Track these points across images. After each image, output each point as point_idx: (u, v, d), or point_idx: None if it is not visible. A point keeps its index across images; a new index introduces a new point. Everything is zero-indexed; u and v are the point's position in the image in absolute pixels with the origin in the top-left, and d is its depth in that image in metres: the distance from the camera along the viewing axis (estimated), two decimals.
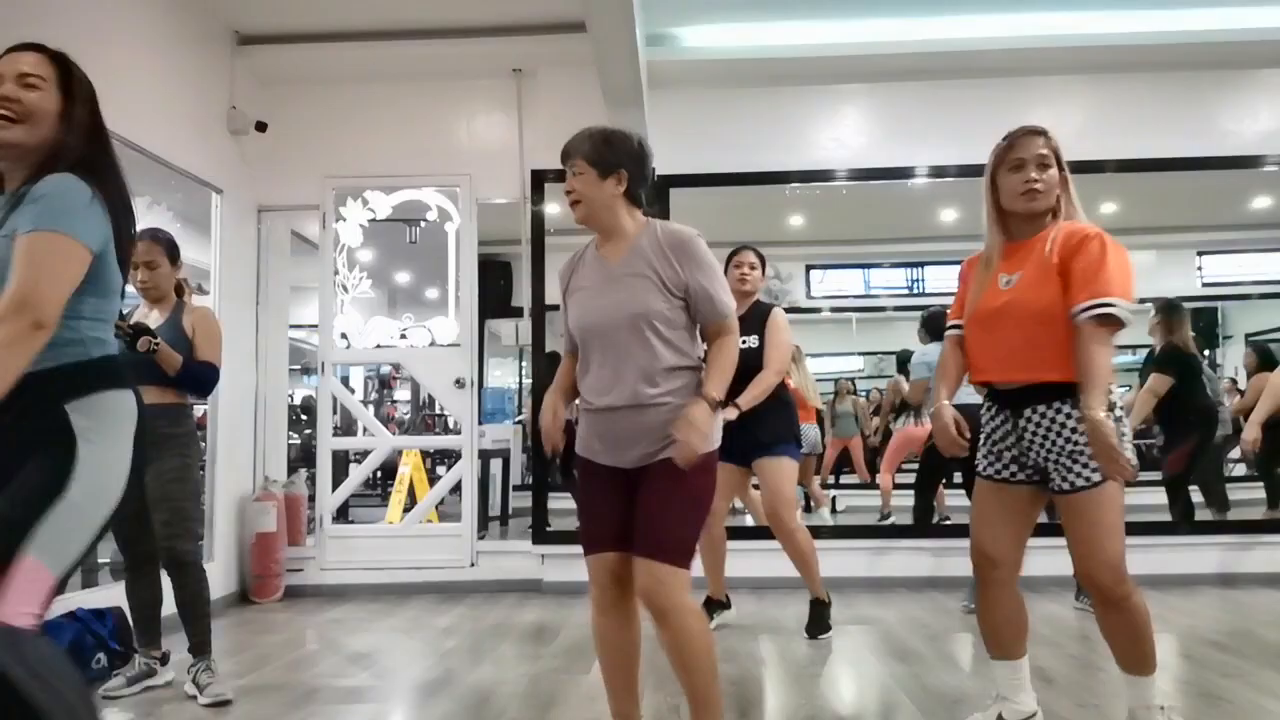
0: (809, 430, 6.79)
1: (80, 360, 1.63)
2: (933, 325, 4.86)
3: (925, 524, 4.96)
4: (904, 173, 5.16)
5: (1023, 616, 2.34)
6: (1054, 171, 2.29)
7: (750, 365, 3.68)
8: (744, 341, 3.65)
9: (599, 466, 2.19)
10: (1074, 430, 2.13)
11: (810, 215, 7.25)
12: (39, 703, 1.31)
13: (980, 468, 2.36)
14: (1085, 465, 2.13)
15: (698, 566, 2.32)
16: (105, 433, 1.62)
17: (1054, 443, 2.17)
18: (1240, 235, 7.16)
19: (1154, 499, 5.03)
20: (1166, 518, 4.91)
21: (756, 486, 4.06)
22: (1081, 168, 5.57)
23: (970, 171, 5.10)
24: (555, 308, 5.85)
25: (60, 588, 1.54)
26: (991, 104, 5.10)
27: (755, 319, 3.73)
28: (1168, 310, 4.71)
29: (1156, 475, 4.94)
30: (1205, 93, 5.09)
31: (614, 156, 2.14)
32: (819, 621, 3.71)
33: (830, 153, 5.18)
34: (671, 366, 2.10)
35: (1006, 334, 2.21)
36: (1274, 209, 6.35)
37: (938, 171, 5.11)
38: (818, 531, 5.56)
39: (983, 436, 2.37)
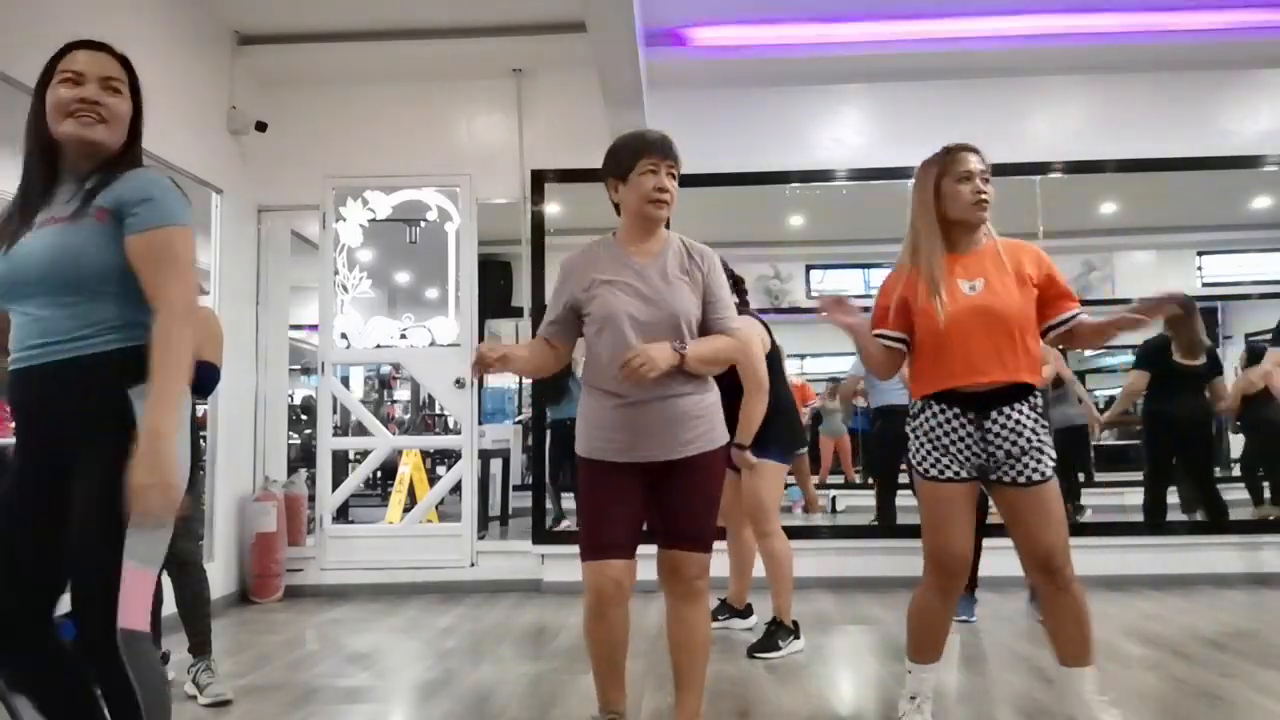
0: None
1: (142, 344, 1.60)
2: None
3: (890, 519, 5.27)
4: (904, 173, 5.11)
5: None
6: (991, 188, 2.37)
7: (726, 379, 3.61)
8: None
9: (613, 467, 2.19)
10: (1032, 429, 2.28)
11: (810, 215, 7.24)
12: (141, 700, 1.49)
13: (935, 471, 2.33)
14: (1040, 461, 2.29)
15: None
16: None
17: (1015, 441, 2.28)
18: (1240, 235, 7.15)
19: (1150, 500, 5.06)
20: (1168, 518, 4.93)
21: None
22: (1081, 168, 5.63)
23: None
24: None
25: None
26: (991, 104, 5.11)
27: None
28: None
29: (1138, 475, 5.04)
30: (1205, 93, 5.09)
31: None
32: (769, 640, 3.43)
33: (830, 153, 5.19)
34: None
35: (978, 338, 2.27)
36: (1274, 209, 6.34)
37: None
38: (817, 531, 5.59)
39: (927, 440, 2.34)
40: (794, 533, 5.50)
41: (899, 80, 5.10)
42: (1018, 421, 2.28)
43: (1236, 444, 6.50)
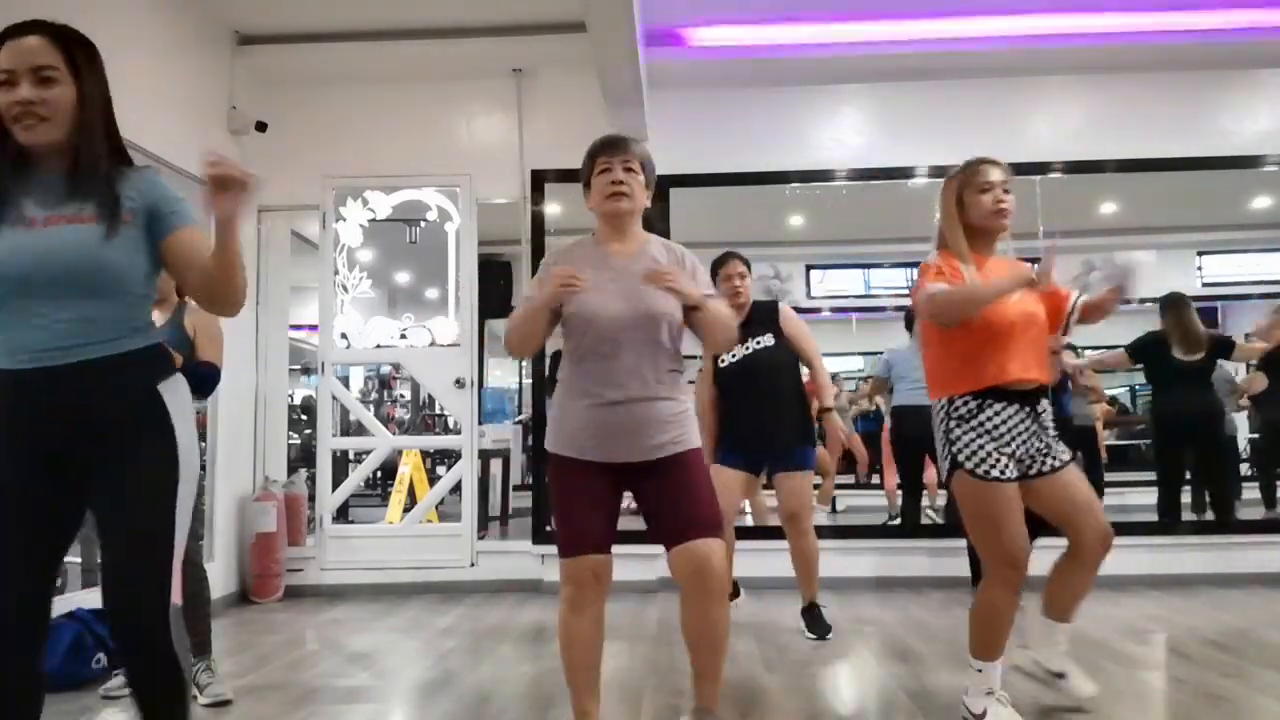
0: None
1: (159, 343, 1.71)
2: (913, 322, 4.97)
3: (915, 519, 5.18)
4: (904, 173, 5.16)
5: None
6: (1012, 197, 2.54)
7: (769, 363, 3.72)
8: (758, 342, 3.71)
9: (588, 465, 2.19)
10: (1050, 419, 2.54)
11: (810, 215, 7.24)
12: (184, 667, 1.60)
13: (994, 471, 2.39)
14: (1063, 445, 2.54)
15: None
16: (185, 414, 1.68)
17: (1051, 428, 2.51)
18: (1240, 235, 7.16)
19: (1151, 499, 5.06)
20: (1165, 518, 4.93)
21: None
22: (1081, 168, 5.63)
23: None
24: None
25: None
26: (991, 104, 5.11)
27: (762, 318, 3.75)
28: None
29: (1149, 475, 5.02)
30: (1205, 93, 5.09)
31: (653, 172, 2.37)
32: (821, 621, 3.71)
33: (830, 153, 5.18)
34: (671, 368, 2.23)
35: (1022, 338, 2.45)
36: (1274, 209, 6.34)
37: (938, 171, 5.09)
38: (818, 531, 5.58)
39: (987, 438, 2.41)
40: None
41: (899, 80, 5.10)
42: (1048, 410, 2.53)
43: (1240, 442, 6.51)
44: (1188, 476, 5.16)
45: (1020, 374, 2.43)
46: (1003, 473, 2.39)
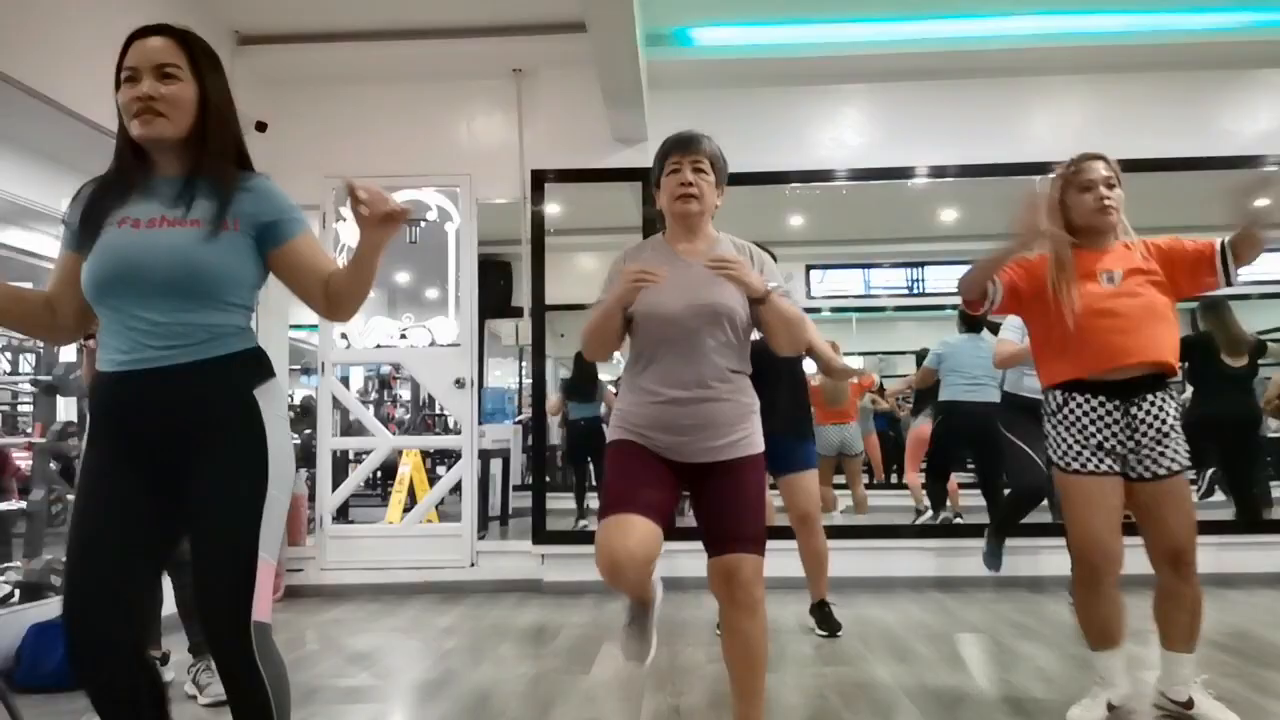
0: (828, 431, 6.66)
1: (257, 346, 1.70)
2: (969, 317, 4.99)
3: (940, 506, 5.25)
4: (904, 173, 5.16)
5: (1124, 607, 2.53)
6: (1120, 190, 2.53)
7: (783, 358, 3.62)
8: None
9: (652, 453, 2.14)
10: (1172, 417, 2.41)
11: (810, 215, 7.24)
12: (271, 694, 1.56)
13: (1079, 464, 2.43)
14: (1176, 451, 2.41)
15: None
16: (281, 419, 1.67)
17: (1158, 429, 2.40)
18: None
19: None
20: None
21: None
22: None
23: (970, 171, 5.12)
24: (555, 308, 5.81)
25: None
26: (991, 104, 5.11)
27: None
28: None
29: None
30: (1205, 93, 5.09)
31: (726, 170, 2.31)
32: (832, 619, 3.73)
33: (830, 153, 5.18)
34: (735, 369, 2.18)
35: (1120, 325, 2.38)
36: (1274, 209, 6.35)
37: (938, 171, 5.11)
38: (840, 532, 5.57)
39: (1068, 432, 2.44)
40: (794, 533, 5.53)
41: (899, 80, 5.10)
42: (1159, 408, 2.41)
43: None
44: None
45: (1110, 362, 2.38)
46: (1084, 466, 2.41)
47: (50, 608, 3.38)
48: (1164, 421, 2.41)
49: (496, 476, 6.94)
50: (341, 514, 5.94)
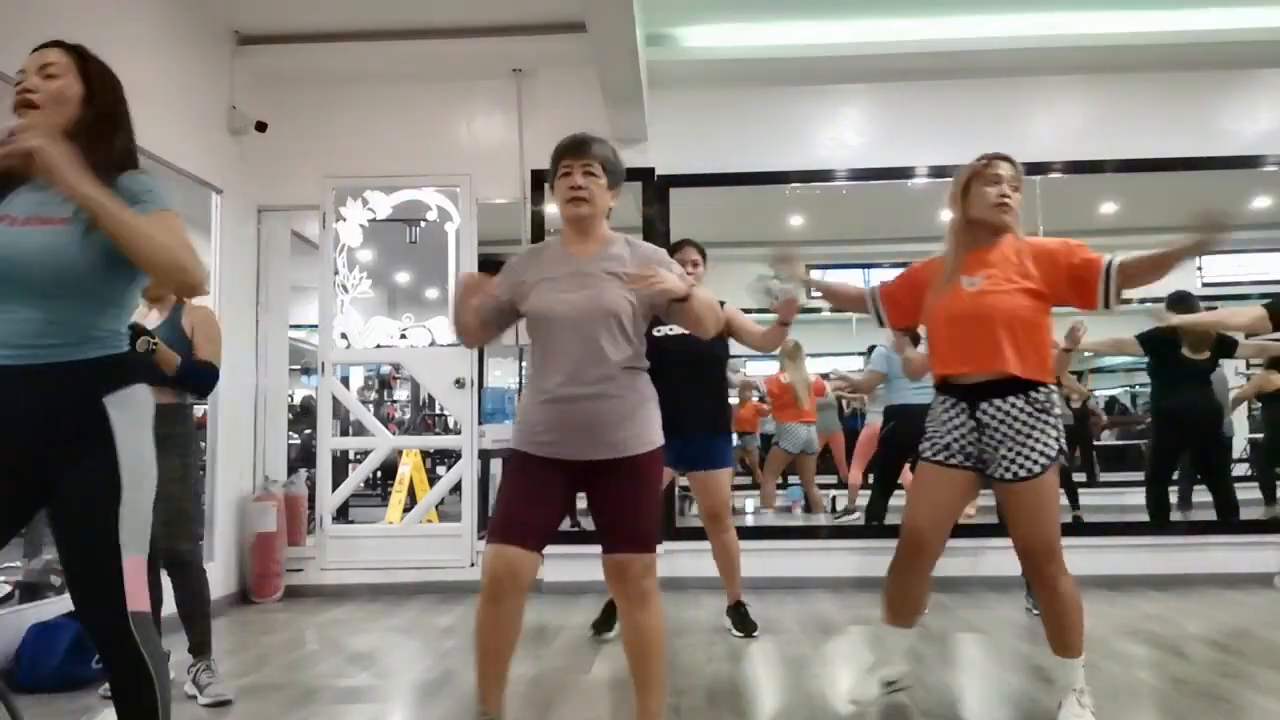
0: (799, 429, 6.78)
1: (118, 353, 1.70)
2: None
3: (879, 519, 5.03)
4: (904, 173, 5.16)
5: (926, 596, 2.69)
6: (1020, 196, 2.54)
7: (704, 354, 3.56)
8: (671, 329, 3.49)
9: (543, 461, 2.18)
10: (1025, 423, 2.39)
11: (810, 215, 7.24)
12: (156, 678, 1.61)
13: (926, 452, 2.55)
14: (1029, 457, 2.38)
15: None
16: (137, 425, 1.69)
17: (1005, 433, 2.40)
18: (1240, 235, 7.15)
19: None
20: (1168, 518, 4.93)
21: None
22: (1081, 168, 5.63)
23: None
24: None
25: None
26: (991, 104, 5.11)
27: None
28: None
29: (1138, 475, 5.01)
30: (1205, 93, 5.09)
31: (620, 172, 2.32)
32: (748, 619, 3.73)
33: (830, 153, 5.19)
34: (628, 365, 2.20)
35: (973, 331, 2.42)
36: (1274, 209, 6.34)
37: (938, 171, 5.10)
38: (816, 531, 5.58)
39: (931, 425, 2.56)
40: (794, 533, 5.55)
41: (899, 80, 5.10)
42: (1007, 413, 2.40)
43: (1236, 443, 6.50)
44: (1175, 476, 5.17)
45: (959, 368, 2.47)
46: (928, 454, 2.54)
47: (50, 608, 3.38)
48: (1012, 426, 2.38)
49: (496, 476, 6.93)
50: (341, 514, 5.94)
